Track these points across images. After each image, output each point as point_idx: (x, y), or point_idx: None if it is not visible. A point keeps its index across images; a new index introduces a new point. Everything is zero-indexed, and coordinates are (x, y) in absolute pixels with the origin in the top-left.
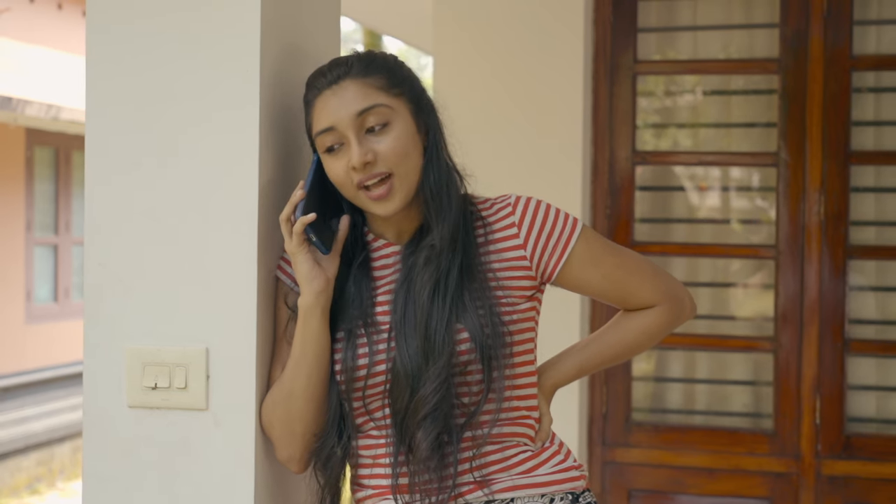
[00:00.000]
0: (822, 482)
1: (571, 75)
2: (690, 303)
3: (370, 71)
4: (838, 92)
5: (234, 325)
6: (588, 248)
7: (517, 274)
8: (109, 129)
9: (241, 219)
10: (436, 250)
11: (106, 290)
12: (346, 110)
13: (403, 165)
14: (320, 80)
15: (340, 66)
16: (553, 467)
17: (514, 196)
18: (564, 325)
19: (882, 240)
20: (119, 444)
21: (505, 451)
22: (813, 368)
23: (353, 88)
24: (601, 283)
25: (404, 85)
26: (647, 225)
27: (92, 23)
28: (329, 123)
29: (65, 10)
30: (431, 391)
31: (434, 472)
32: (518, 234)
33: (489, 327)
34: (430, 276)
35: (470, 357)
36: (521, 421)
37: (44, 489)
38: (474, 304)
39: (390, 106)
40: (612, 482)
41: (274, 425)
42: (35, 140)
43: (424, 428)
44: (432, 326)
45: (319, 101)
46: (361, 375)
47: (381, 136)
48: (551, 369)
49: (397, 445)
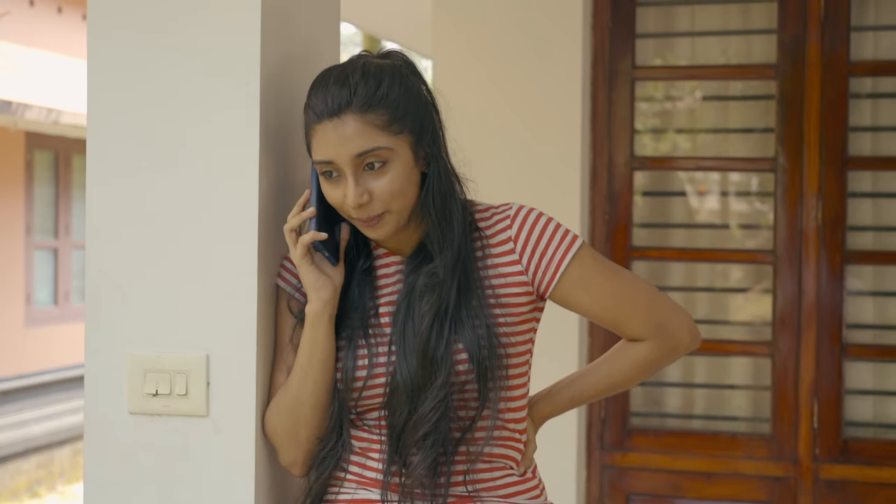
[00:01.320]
0: (820, 486)
1: (570, 81)
2: (690, 335)
3: (373, 105)
4: (836, 97)
5: (235, 332)
6: (582, 269)
7: (515, 290)
8: (110, 136)
9: (241, 225)
10: (437, 279)
11: (107, 297)
12: (346, 149)
13: (398, 203)
14: (321, 103)
15: (343, 91)
16: (528, 499)
17: (514, 207)
18: (563, 343)
19: (879, 245)
20: (120, 449)
21: (493, 471)
22: (811, 373)
23: (353, 125)
24: (592, 307)
25: (406, 119)
26: (646, 230)
27: (93, 29)
28: (327, 158)
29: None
30: (431, 409)
31: (427, 487)
32: (514, 249)
33: (486, 347)
34: (430, 306)
35: (468, 377)
36: (511, 444)
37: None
38: (472, 321)
39: (390, 147)
40: (611, 486)
41: (278, 431)
42: (35, 144)
43: (423, 449)
44: (431, 346)
45: (319, 130)
46: (359, 385)
47: (379, 176)
48: (543, 401)
49: (391, 455)
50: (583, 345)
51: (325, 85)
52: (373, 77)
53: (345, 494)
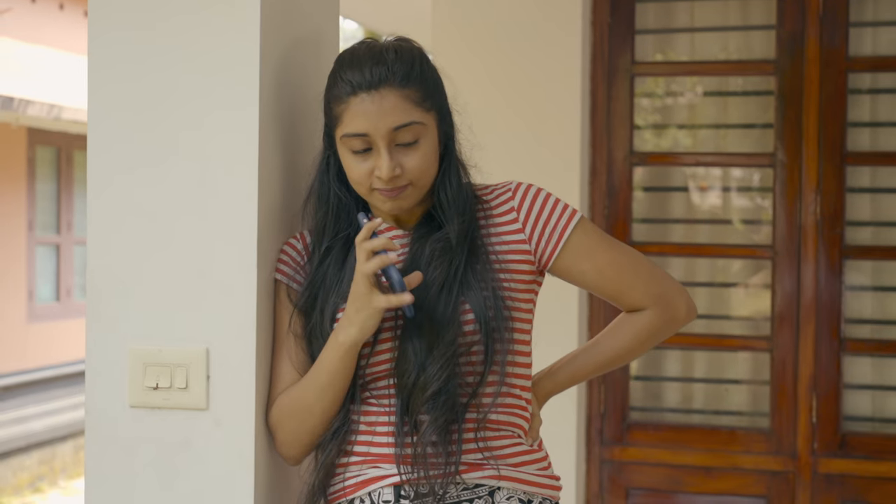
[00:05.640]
0: (819, 480)
1: (569, 77)
2: (687, 307)
3: (409, 81)
4: (834, 93)
5: (235, 325)
6: (585, 239)
7: (518, 257)
8: (112, 132)
9: (241, 219)
10: (449, 245)
11: (108, 292)
12: (384, 122)
13: (424, 178)
14: (356, 75)
15: (380, 67)
16: (537, 470)
17: (514, 182)
18: (562, 322)
19: (878, 240)
20: (121, 443)
21: (502, 439)
22: (809, 367)
23: (392, 99)
24: (594, 277)
25: (434, 97)
26: (645, 225)
27: (94, 26)
28: (364, 130)
29: (66, 10)
30: (440, 367)
31: (441, 451)
32: (517, 218)
33: (493, 307)
34: (441, 271)
35: (474, 337)
36: (518, 412)
37: (46, 488)
38: (478, 283)
39: (423, 123)
40: (610, 481)
41: (282, 429)
42: (37, 140)
43: (434, 409)
44: (439, 310)
45: (355, 103)
46: (366, 351)
47: (410, 152)
48: (545, 378)
49: (400, 418)
50: (582, 331)
51: (359, 60)
52: (406, 55)
53: (353, 477)
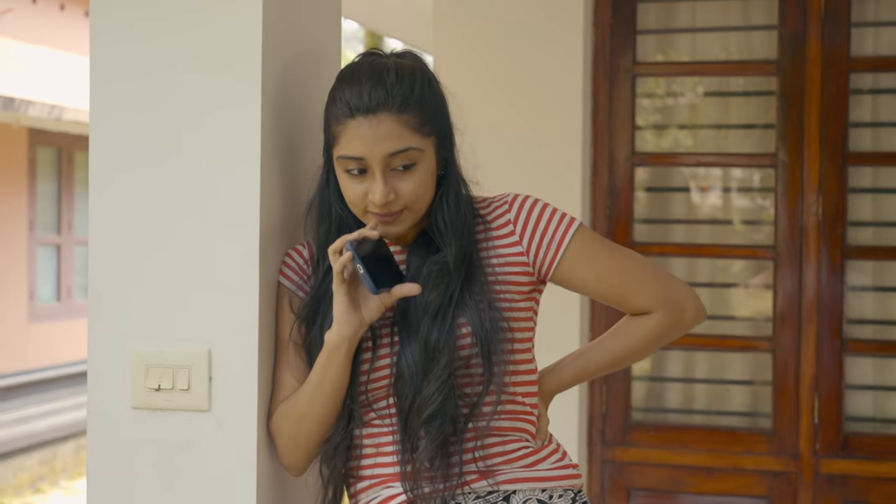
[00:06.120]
0: (820, 481)
1: (571, 77)
2: (695, 308)
3: (408, 106)
4: (836, 93)
5: (237, 326)
6: (584, 246)
7: (516, 270)
8: (113, 133)
9: (243, 220)
10: (448, 268)
11: (109, 293)
12: (380, 147)
13: (419, 203)
14: (355, 97)
15: (379, 90)
16: (553, 464)
17: (511, 195)
18: (564, 327)
19: (880, 240)
20: (122, 444)
21: (507, 444)
22: (811, 368)
23: (389, 124)
24: (597, 283)
25: (434, 121)
26: (647, 226)
27: (95, 26)
28: (359, 154)
29: (67, 10)
30: (435, 390)
31: (439, 468)
32: (514, 231)
33: (489, 321)
34: (437, 294)
35: (471, 351)
36: (523, 416)
37: (47, 488)
38: (474, 298)
39: (420, 148)
40: (612, 481)
41: (281, 434)
42: (38, 140)
43: (429, 431)
44: (433, 335)
45: (352, 126)
46: (365, 370)
47: (406, 177)
48: (549, 375)
49: (402, 436)
50: (584, 334)
51: (359, 80)
52: (407, 78)
53: (368, 502)
